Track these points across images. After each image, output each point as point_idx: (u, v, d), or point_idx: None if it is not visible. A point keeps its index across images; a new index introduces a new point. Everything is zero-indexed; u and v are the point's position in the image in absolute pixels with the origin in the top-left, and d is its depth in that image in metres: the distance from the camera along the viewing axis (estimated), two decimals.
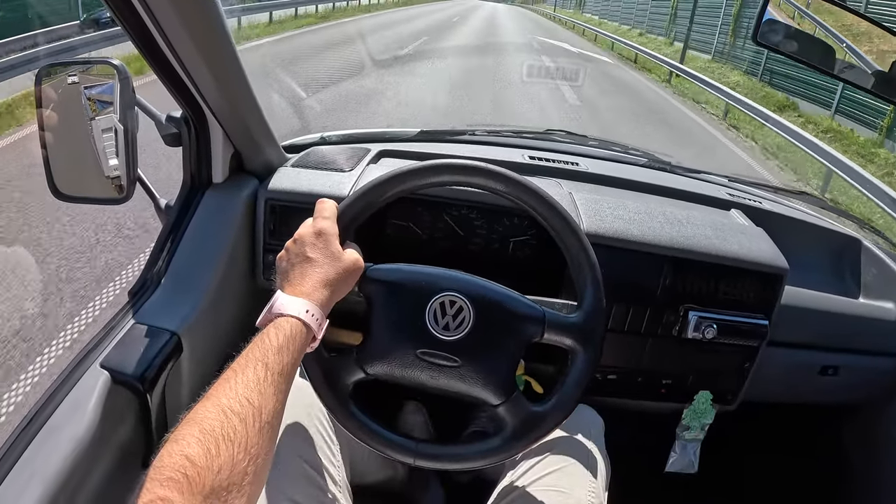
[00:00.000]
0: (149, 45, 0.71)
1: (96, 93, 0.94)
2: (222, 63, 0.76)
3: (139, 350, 0.75)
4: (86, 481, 0.65)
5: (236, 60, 0.78)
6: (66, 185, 0.93)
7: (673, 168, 1.34)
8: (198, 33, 0.70)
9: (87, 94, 0.94)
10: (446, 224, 1.03)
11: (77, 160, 0.96)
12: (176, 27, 0.67)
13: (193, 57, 0.73)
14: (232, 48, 0.76)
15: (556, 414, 0.72)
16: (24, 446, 0.64)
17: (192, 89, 0.79)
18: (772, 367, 1.08)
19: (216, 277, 0.89)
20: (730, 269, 0.96)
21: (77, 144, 0.96)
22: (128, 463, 0.74)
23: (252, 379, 0.54)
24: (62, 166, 0.93)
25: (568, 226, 0.73)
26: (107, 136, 0.93)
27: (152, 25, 0.67)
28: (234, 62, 0.78)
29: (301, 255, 0.67)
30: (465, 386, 0.71)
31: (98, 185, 0.94)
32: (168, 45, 0.70)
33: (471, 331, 0.70)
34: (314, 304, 0.63)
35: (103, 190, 0.93)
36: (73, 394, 0.70)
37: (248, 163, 0.99)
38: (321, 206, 0.72)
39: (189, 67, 0.74)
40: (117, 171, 0.92)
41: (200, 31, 0.70)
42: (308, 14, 14.43)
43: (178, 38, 0.69)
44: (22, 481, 0.60)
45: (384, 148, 1.14)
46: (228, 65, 0.77)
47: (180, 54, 0.72)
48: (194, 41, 0.70)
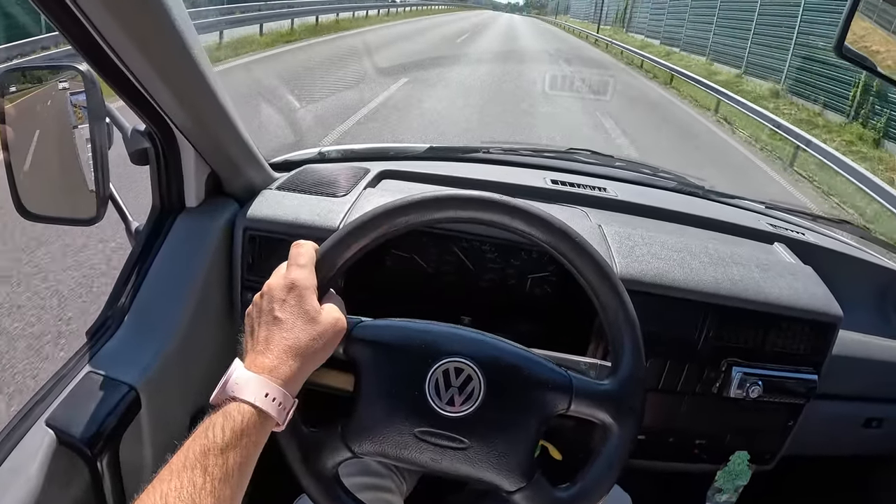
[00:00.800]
0: (92, 50, 0.59)
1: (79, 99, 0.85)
2: (183, 78, 0.64)
3: (90, 406, 0.64)
4: None
5: (202, 75, 0.65)
6: (33, 203, 0.83)
7: (706, 193, 1.21)
8: (148, 43, 0.58)
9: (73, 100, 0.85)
10: (455, 257, 0.91)
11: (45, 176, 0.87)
12: (117, 34, 0.56)
13: (146, 70, 0.61)
14: (195, 61, 0.63)
15: (584, 500, 0.59)
16: None
17: (151, 101, 0.67)
18: (814, 421, 0.97)
19: (186, 318, 0.77)
20: (779, 318, 0.84)
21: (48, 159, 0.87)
22: None
23: (187, 488, 0.44)
24: (29, 183, 0.83)
25: (605, 278, 0.61)
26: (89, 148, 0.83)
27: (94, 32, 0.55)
28: (198, 76, 0.65)
29: (269, 313, 0.55)
30: (474, 470, 0.59)
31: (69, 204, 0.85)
32: (113, 52, 0.58)
33: (481, 405, 0.58)
34: (276, 384, 0.51)
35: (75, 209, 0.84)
36: (15, 454, 0.60)
37: (227, 184, 0.86)
38: (296, 250, 0.60)
39: (143, 81, 0.62)
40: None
41: (151, 42, 0.58)
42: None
43: (123, 47, 0.57)
44: None
45: (386, 168, 1.02)
46: (191, 80, 0.65)
47: (129, 65, 0.60)
48: (143, 53, 0.58)
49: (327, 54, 10.10)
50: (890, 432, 1.04)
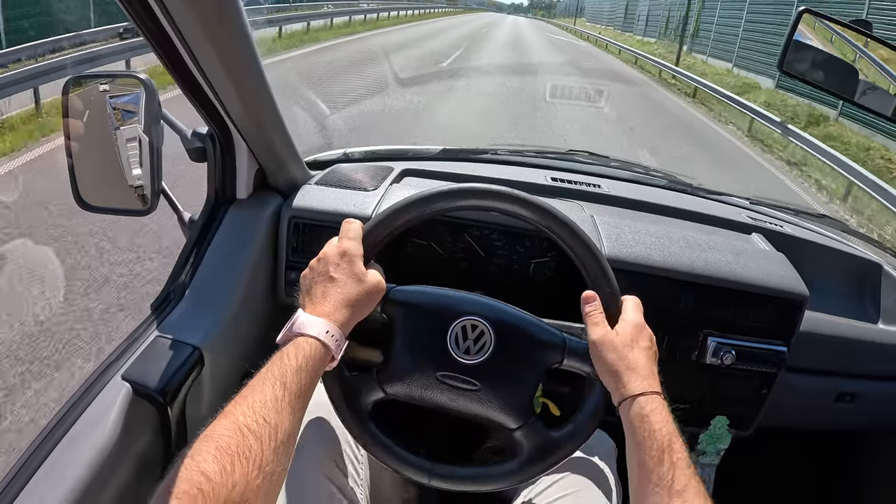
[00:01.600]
0: (176, 63, 0.72)
1: (121, 103, 0.96)
2: (249, 83, 0.77)
3: (161, 363, 0.75)
4: (104, 490, 0.66)
5: (263, 80, 0.79)
6: (90, 195, 0.94)
7: (694, 190, 1.33)
8: (226, 54, 0.71)
9: (113, 103, 0.95)
10: (468, 244, 1.03)
11: (102, 170, 0.97)
12: (205, 48, 0.68)
13: (221, 77, 0.74)
14: (259, 68, 0.76)
15: (571, 442, 0.71)
16: (47, 453, 0.65)
17: (217, 107, 0.80)
18: (788, 393, 1.07)
19: (238, 293, 0.90)
20: (750, 296, 0.96)
21: (102, 155, 0.97)
22: (145, 475, 0.75)
23: (269, 398, 0.55)
24: (87, 176, 0.94)
25: (589, 250, 0.73)
26: (131, 146, 0.94)
27: (180, 44, 0.68)
28: (260, 82, 0.79)
29: (325, 273, 0.68)
30: (483, 409, 0.71)
31: (122, 196, 0.95)
32: (195, 63, 0.71)
33: (491, 355, 0.70)
34: (334, 325, 0.64)
35: (127, 201, 0.94)
36: (94, 404, 0.71)
37: (272, 179, 0.99)
38: (347, 226, 0.73)
39: (216, 86, 0.75)
40: (141, 181, 0.93)
41: (229, 53, 0.71)
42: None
43: (207, 59, 0.70)
44: (44, 487, 0.62)
45: (407, 167, 1.15)
46: (255, 84, 0.78)
47: (207, 74, 0.73)
48: (222, 62, 0.71)
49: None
50: (862, 408, 1.14)
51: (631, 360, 0.67)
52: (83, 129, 0.96)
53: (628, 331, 0.70)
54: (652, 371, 0.67)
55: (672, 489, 0.56)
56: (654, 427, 0.61)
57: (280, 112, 0.86)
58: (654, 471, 0.59)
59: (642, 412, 0.63)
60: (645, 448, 0.61)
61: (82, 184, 0.93)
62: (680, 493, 0.56)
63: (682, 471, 0.58)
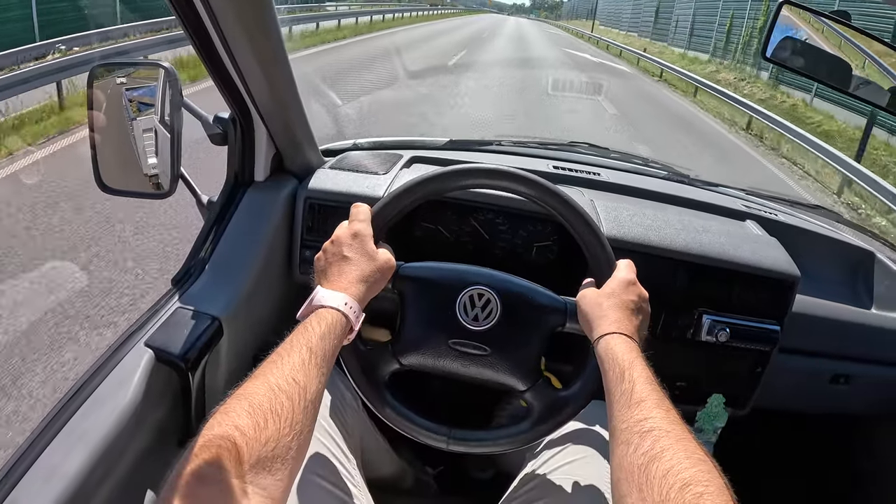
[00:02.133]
0: (207, 46, 0.77)
1: (138, 94, 1.00)
2: (275, 65, 0.82)
3: (183, 332, 0.79)
4: (125, 453, 0.69)
5: (287, 64, 0.84)
6: (111, 179, 0.98)
7: (692, 181, 1.38)
8: (256, 37, 0.75)
9: (129, 95, 1.00)
10: (473, 227, 1.07)
11: (123, 156, 1.02)
12: (236, 31, 0.73)
13: (249, 59, 0.78)
14: (284, 51, 0.81)
15: (578, 398, 0.76)
16: (70, 415, 0.68)
17: (242, 90, 0.85)
18: (784, 374, 1.11)
19: (256, 269, 0.94)
20: (743, 276, 0.99)
21: (123, 142, 1.02)
22: (165, 439, 0.78)
23: (298, 361, 0.59)
24: (109, 161, 0.98)
25: (583, 220, 0.77)
26: (147, 136, 0.99)
27: (213, 28, 0.73)
28: (285, 65, 0.83)
29: (338, 254, 0.73)
30: (493, 373, 0.76)
31: (142, 180, 1.00)
32: (226, 47, 0.76)
33: (498, 321, 0.75)
34: (352, 298, 0.68)
35: (147, 185, 0.99)
36: (118, 369, 0.74)
37: (288, 163, 1.04)
38: (356, 209, 0.77)
39: (243, 69, 0.80)
40: (156, 169, 0.98)
41: (258, 36, 0.76)
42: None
43: (237, 42, 0.75)
44: (67, 446, 0.65)
45: (416, 154, 1.20)
46: (280, 68, 0.83)
47: (237, 57, 0.77)
48: (252, 44, 0.76)
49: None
50: (857, 391, 1.18)
51: (604, 309, 0.72)
52: (105, 118, 1.01)
53: (611, 286, 0.75)
54: (622, 318, 0.71)
55: (631, 400, 0.60)
56: (617, 355, 0.66)
57: (300, 97, 0.91)
58: (616, 389, 0.63)
59: (607, 346, 0.68)
60: (608, 375, 0.65)
61: (104, 168, 0.97)
62: (638, 403, 0.59)
63: (641, 385, 0.61)
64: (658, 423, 0.57)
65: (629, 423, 0.58)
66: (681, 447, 0.53)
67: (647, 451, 0.54)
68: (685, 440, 0.55)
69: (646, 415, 0.58)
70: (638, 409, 0.59)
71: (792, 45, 1.04)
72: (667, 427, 0.56)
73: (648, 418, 0.57)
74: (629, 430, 0.58)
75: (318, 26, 13.73)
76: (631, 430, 0.57)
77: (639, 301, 0.75)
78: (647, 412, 0.58)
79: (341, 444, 0.83)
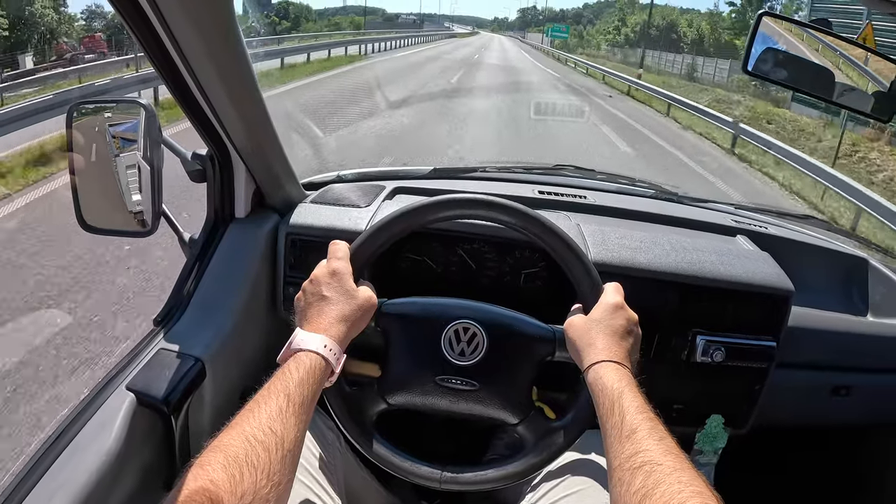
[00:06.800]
0: (180, 86, 0.76)
1: (121, 131, 0.99)
2: (249, 104, 0.82)
3: (165, 374, 0.78)
4: (109, 497, 0.67)
5: (261, 101, 0.83)
6: (93, 218, 0.97)
7: (680, 198, 1.37)
8: (228, 77, 0.75)
9: (113, 131, 0.99)
10: (460, 258, 1.05)
11: (104, 194, 1.01)
12: (207, 72, 0.72)
13: (222, 98, 0.78)
14: (257, 91, 0.81)
15: (571, 429, 0.74)
16: (52, 460, 0.67)
17: (218, 129, 0.84)
18: (784, 389, 1.09)
19: (239, 307, 0.93)
20: (735, 293, 0.98)
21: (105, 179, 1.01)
22: (150, 484, 0.76)
23: (275, 409, 0.57)
24: (90, 200, 0.97)
25: (566, 245, 0.76)
26: (131, 173, 0.97)
27: (184, 69, 0.72)
28: (258, 104, 0.83)
29: (317, 294, 0.71)
30: (484, 408, 0.74)
31: (124, 219, 0.98)
32: (199, 87, 0.75)
33: (485, 354, 0.73)
34: (332, 340, 0.67)
35: (128, 223, 0.98)
36: (99, 413, 0.73)
37: (269, 199, 1.03)
38: (334, 247, 0.76)
39: (217, 108, 0.79)
40: (140, 206, 0.96)
41: (230, 75, 0.75)
42: None
43: (209, 82, 0.74)
44: (48, 493, 0.63)
45: (399, 185, 1.19)
46: (254, 106, 0.83)
47: (210, 96, 0.77)
48: (224, 84, 0.75)
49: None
50: (859, 401, 1.16)
51: (592, 336, 0.71)
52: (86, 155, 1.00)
53: (598, 312, 0.73)
54: (611, 344, 0.70)
55: (622, 433, 0.59)
56: (606, 385, 0.64)
57: (277, 133, 0.90)
58: (608, 422, 0.62)
59: (596, 376, 0.66)
60: (599, 406, 0.64)
61: (85, 207, 0.96)
62: (629, 436, 0.58)
63: (631, 416, 0.60)
64: (650, 455, 0.55)
65: (621, 460, 0.57)
66: (674, 479, 0.52)
67: (639, 489, 0.53)
68: (679, 471, 0.53)
69: (637, 448, 0.57)
70: (629, 443, 0.58)
71: (774, 57, 1.04)
72: (659, 459, 0.55)
73: (640, 452, 0.56)
74: (621, 468, 0.56)
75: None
76: (623, 468, 0.56)
77: (627, 325, 0.73)
78: (638, 444, 0.57)
79: (325, 485, 0.81)
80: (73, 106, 0.96)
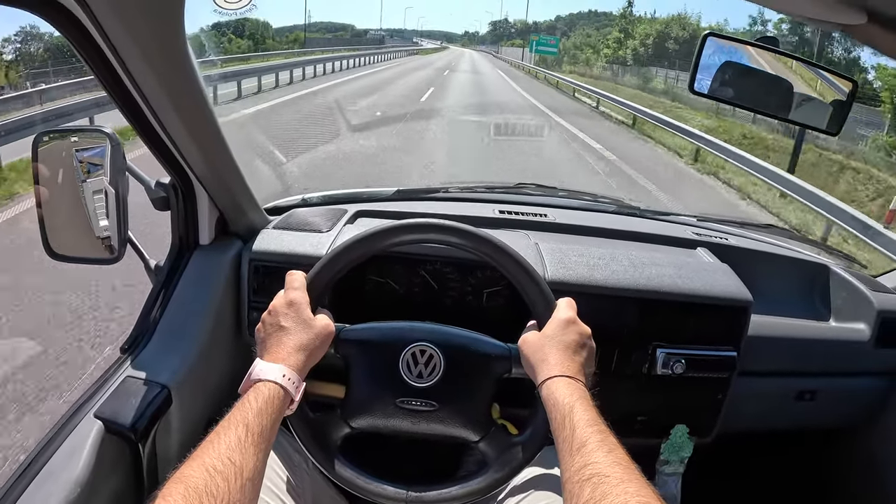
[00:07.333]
0: (137, 116, 0.77)
1: (88, 156, 1.00)
2: (206, 135, 0.83)
3: (132, 401, 0.79)
4: None
5: (218, 132, 0.84)
6: (60, 245, 0.97)
7: (642, 212, 1.40)
8: (183, 109, 0.76)
9: (79, 157, 1.00)
10: (422, 279, 1.07)
11: (71, 222, 1.01)
12: (162, 103, 0.74)
13: (179, 130, 0.79)
14: (214, 120, 0.82)
15: (530, 444, 0.76)
16: (23, 489, 0.68)
17: (178, 158, 0.85)
18: (748, 397, 1.12)
19: (204, 333, 0.94)
20: (694, 306, 1.01)
21: (71, 206, 1.01)
22: None
23: (234, 440, 0.59)
24: (56, 227, 0.97)
25: (517, 264, 0.78)
26: (97, 198, 0.98)
27: (140, 99, 0.73)
28: (216, 134, 0.84)
29: (275, 324, 0.73)
30: (444, 428, 0.76)
31: (91, 246, 0.99)
32: (156, 118, 0.76)
33: (443, 375, 0.76)
34: (290, 369, 0.68)
35: (95, 250, 0.98)
36: (69, 441, 0.74)
37: (232, 225, 1.04)
38: (290, 277, 0.78)
39: (175, 139, 0.81)
40: (108, 231, 0.97)
41: (184, 107, 0.76)
42: None
43: (166, 113, 0.76)
44: None
45: (361, 208, 1.20)
46: (211, 136, 0.84)
47: (167, 127, 0.78)
48: (179, 116, 0.76)
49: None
50: (824, 404, 1.19)
51: (544, 352, 0.72)
52: (53, 182, 1.00)
53: (551, 328, 0.75)
54: (563, 359, 0.71)
55: (572, 446, 0.60)
56: (558, 399, 0.66)
57: (236, 162, 0.91)
58: (559, 436, 0.63)
59: (549, 391, 0.68)
60: (552, 420, 0.65)
61: (52, 234, 0.97)
62: (579, 449, 0.60)
63: (581, 429, 0.61)
64: (599, 468, 0.57)
65: (570, 473, 0.59)
66: (620, 490, 0.54)
67: (587, 501, 0.54)
68: (626, 482, 0.55)
69: (586, 460, 0.58)
70: (579, 455, 0.59)
71: (720, 76, 1.06)
72: (606, 471, 0.56)
73: (588, 464, 0.58)
74: (571, 480, 0.58)
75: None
76: (572, 480, 0.58)
77: (580, 339, 0.75)
78: (587, 457, 0.59)
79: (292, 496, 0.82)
80: (38, 136, 0.96)
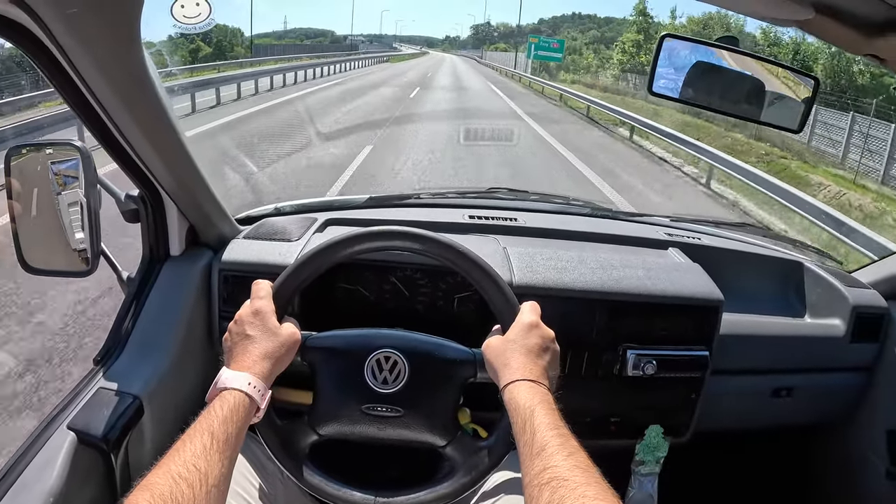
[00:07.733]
0: (103, 131, 0.78)
1: (63, 169, 1.00)
2: (169, 148, 0.83)
3: (104, 412, 0.79)
4: None
5: (182, 145, 0.84)
6: (34, 258, 0.98)
7: (615, 214, 1.41)
8: (145, 123, 0.77)
9: (55, 169, 1.00)
10: (393, 285, 1.07)
11: (45, 235, 1.01)
12: (122, 116, 0.74)
13: (143, 143, 0.80)
14: (176, 132, 0.82)
15: (499, 446, 0.77)
16: None
17: (144, 170, 0.86)
18: (724, 395, 1.13)
19: (176, 343, 0.94)
20: (664, 307, 1.02)
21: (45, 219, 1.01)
22: None
23: (199, 447, 0.59)
24: (31, 240, 0.98)
25: (479, 268, 0.79)
26: (73, 211, 0.98)
27: (102, 113, 0.74)
28: (180, 147, 0.84)
29: (241, 333, 0.74)
30: (410, 433, 0.77)
31: (65, 259, 0.99)
32: (119, 133, 0.77)
33: (408, 381, 0.76)
34: (256, 377, 0.69)
35: (69, 263, 0.98)
36: (42, 454, 0.75)
37: (202, 236, 1.05)
38: (256, 287, 0.79)
39: (139, 152, 0.81)
40: (83, 243, 0.97)
41: (147, 121, 0.77)
42: None
43: (128, 128, 0.76)
44: None
45: (331, 216, 1.21)
46: (175, 150, 0.84)
47: (131, 141, 0.78)
48: (142, 130, 0.77)
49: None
50: (801, 401, 1.20)
51: (507, 356, 0.73)
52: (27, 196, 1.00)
53: (514, 332, 0.76)
54: (525, 363, 0.72)
55: (532, 450, 0.61)
56: (519, 403, 0.67)
57: (202, 174, 0.92)
58: (521, 440, 0.64)
59: (510, 395, 0.69)
60: (514, 423, 0.66)
61: (26, 248, 0.97)
62: (539, 453, 0.60)
63: (542, 433, 0.62)
64: (558, 471, 0.58)
65: (530, 477, 0.59)
66: (578, 494, 0.55)
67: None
68: (585, 485, 0.56)
69: (546, 464, 0.59)
70: (539, 459, 0.60)
71: (699, 71, 1.04)
72: (566, 475, 0.57)
73: (548, 468, 0.58)
74: (531, 484, 0.59)
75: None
76: (532, 484, 0.58)
77: (543, 342, 0.76)
78: (547, 461, 0.59)
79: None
80: (10, 150, 0.97)
